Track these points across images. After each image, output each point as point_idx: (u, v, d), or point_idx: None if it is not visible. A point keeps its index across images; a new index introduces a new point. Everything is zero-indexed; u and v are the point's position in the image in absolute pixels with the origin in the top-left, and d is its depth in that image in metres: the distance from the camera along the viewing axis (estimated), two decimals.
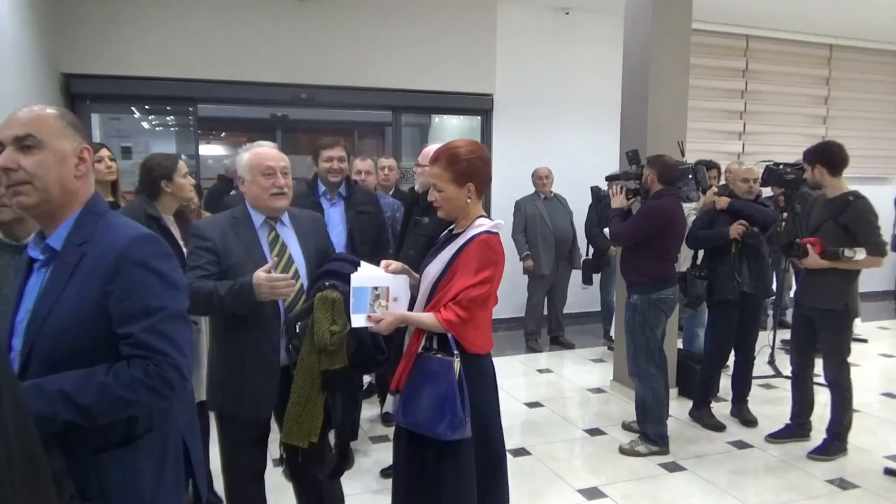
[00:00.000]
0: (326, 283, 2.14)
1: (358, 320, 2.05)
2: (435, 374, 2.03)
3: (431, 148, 3.36)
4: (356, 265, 2.21)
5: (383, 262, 2.22)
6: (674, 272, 3.86)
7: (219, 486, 3.15)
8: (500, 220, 2.26)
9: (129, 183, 5.44)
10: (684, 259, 4.81)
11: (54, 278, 1.38)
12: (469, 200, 2.16)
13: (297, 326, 2.18)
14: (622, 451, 3.82)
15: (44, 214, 1.42)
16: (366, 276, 2.08)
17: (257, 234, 2.32)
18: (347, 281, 2.10)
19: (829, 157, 3.64)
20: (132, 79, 5.41)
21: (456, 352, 2.04)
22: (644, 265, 3.77)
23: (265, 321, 2.23)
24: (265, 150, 2.35)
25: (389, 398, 2.19)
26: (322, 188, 3.53)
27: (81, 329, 1.35)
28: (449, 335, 2.06)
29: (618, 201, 3.95)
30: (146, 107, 6.16)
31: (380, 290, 2.07)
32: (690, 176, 3.91)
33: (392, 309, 2.12)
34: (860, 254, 3.48)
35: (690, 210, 4.75)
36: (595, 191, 4.56)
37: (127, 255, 1.37)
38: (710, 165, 5.18)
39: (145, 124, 6.46)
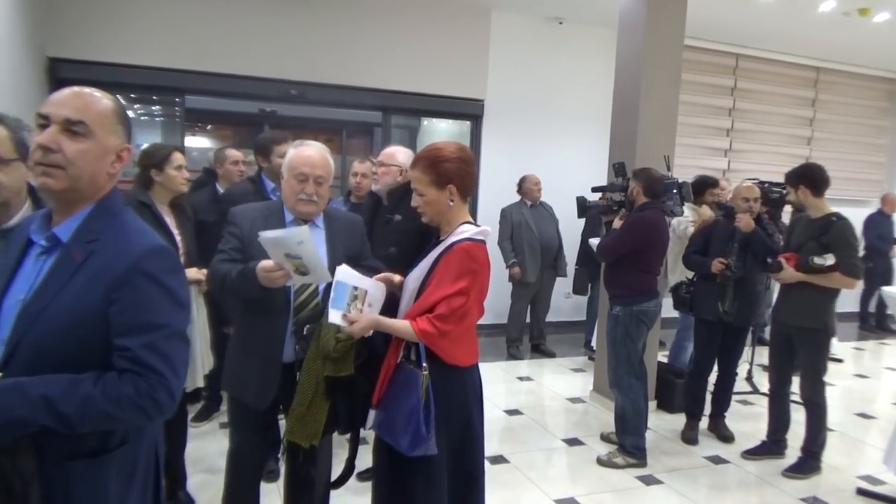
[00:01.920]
0: None
1: (334, 317, 2.00)
2: (407, 386, 1.97)
3: (393, 149, 3.32)
4: (378, 272, 2.18)
5: (397, 277, 2.17)
6: (656, 285, 3.87)
7: (192, 486, 3.12)
8: (486, 227, 2.14)
9: None
10: (670, 272, 4.84)
11: (56, 273, 1.32)
12: (451, 203, 2.07)
13: (305, 329, 2.18)
14: (600, 462, 3.82)
15: (62, 200, 1.37)
16: (351, 273, 2.04)
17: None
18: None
19: (812, 178, 3.70)
20: (119, 66, 5.31)
21: (425, 364, 1.96)
22: (627, 278, 3.78)
23: (274, 313, 2.23)
24: (306, 155, 2.27)
25: (372, 413, 2.12)
26: (271, 185, 3.44)
27: (76, 332, 1.28)
28: (421, 346, 1.99)
29: (615, 221, 3.98)
30: (132, 95, 6.06)
31: (358, 292, 2.03)
32: (675, 190, 3.93)
33: (366, 314, 2.05)
34: (829, 259, 3.52)
35: (688, 223, 4.78)
36: (581, 201, 4.58)
37: (139, 266, 1.31)
38: (713, 183, 5.15)
39: (131, 113, 6.31)
